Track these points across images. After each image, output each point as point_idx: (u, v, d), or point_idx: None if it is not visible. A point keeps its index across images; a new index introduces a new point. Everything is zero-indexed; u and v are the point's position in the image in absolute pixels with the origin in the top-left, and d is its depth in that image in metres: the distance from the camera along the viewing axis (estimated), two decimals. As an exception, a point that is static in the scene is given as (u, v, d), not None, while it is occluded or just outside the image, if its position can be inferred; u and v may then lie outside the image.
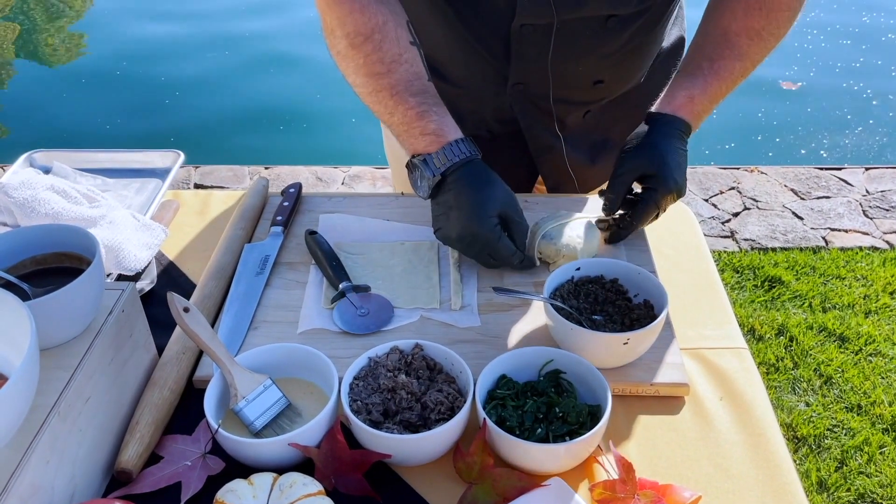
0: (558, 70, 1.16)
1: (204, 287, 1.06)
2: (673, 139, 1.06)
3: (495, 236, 1.01)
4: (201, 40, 4.83)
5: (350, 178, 3.17)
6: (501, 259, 1.04)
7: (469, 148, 1.03)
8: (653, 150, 1.06)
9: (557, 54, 1.13)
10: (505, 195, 1.03)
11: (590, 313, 0.97)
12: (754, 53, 1.09)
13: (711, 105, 1.09)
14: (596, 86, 1.20)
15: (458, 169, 1.01)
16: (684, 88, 1.08)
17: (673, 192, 1.06)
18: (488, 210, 1.01)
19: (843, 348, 2.27)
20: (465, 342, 0.98)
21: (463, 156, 1.02)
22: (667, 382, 0.93)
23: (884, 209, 2.89)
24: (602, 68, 1.18)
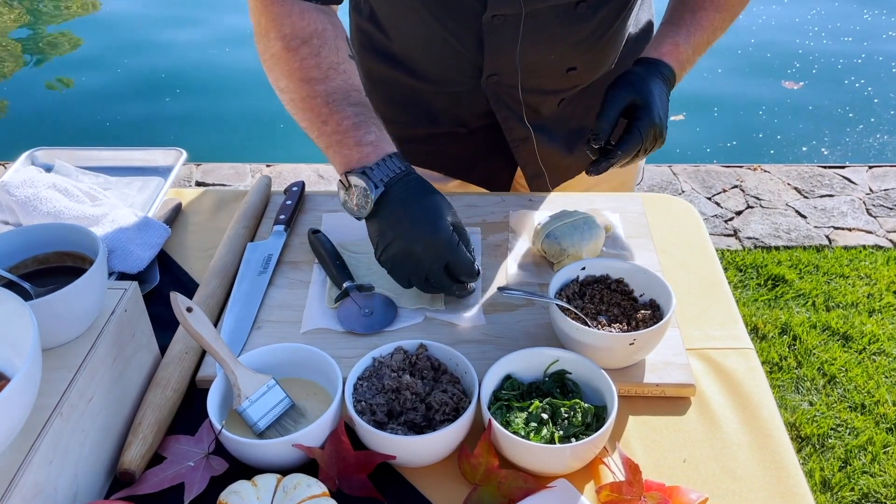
0: (532, 59, 1.14)
1: (206, 286, 1.06)
2: (658, 78, 1.08)
3: (455, 241, 0.94)
4: (203, 37, 4.83)
5: (352, 175, 3.17)
6: (460, 269, 0.96)
7: (405, 164, 0.98)
8: (641, 82, 1.07)
9: (529, 43, 1.12)
10: (450, 205, 0.97)
11: (595, 313, 0.97)
12: (733, 4, 1.14)
13: (695, 55, 1.13)
14: (569, 73, 1.19)
15: (401, 180, 0.96)
16: (669, 36, 1.12)
17: (657, 125, 1.06)
18: (443, 215, 0.95)
19: (847, 347, 2.26)
20: (469, 342, 0.98)
21: (401, 170, 0.96)
22: (673, 383, 0.92)
23: (887, 207, 2.88)
24: (575, 55, 1.17)
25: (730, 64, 4.36)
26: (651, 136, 1.06)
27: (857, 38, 4.77)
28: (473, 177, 1.36)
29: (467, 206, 1.22)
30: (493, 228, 1.17)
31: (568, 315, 0.93)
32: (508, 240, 1.15)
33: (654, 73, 1.08)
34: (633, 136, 1.05)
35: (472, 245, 1.01)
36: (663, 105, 1.08)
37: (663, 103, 1.08)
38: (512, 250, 1.13)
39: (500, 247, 1.14)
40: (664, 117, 1.07)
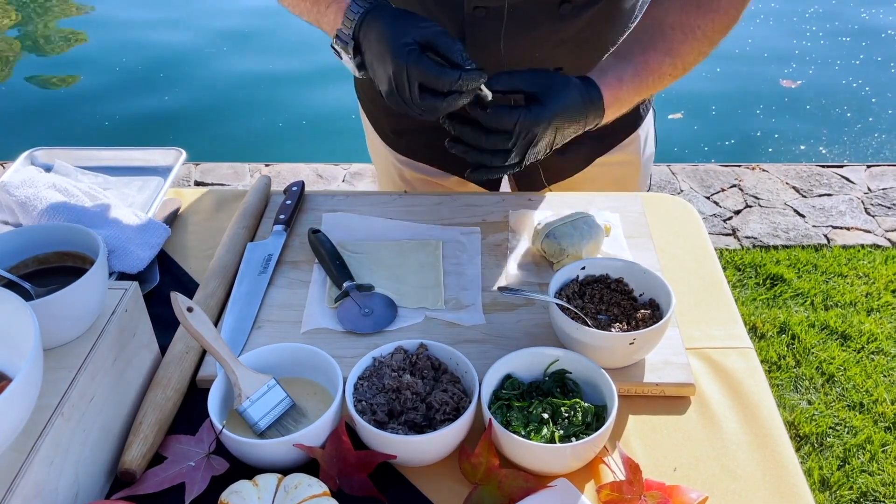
0: (515, 56, 1.14)
1: (207, 286, 1.06)
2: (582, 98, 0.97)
3: (412, 59, 0.89)
4: (201, 37, 4.82)
5: (351, 175, 3.17)
6: (435, 81, 0.90)
7: (365, 2, 0.97)
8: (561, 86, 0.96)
9: (512, 39, 1.12)
10: (425, 22, 0.93)
11: (595, 313, 0.97)
12: (686, 52, 1.04)
13: (634, 97, 1.04)
14: (557, 72, 1.19)
15: (364, 18, 0.95)
16: (615, 69, 1.02)
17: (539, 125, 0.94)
18: (400, 37, 0.91)
19: (846, 346, 2.26)
20: (469, 342, 0.98)
21: (362, 8, 0.96)
22: (673, 383, 0.93)
23: (885, 207, 2.88)
24: (560, 55, 1.16)
25: (727, 63, 4.37)
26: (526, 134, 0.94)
27: (855, 37, 4.78)
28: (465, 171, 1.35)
29: (467, 206, 1.22)
30: (493, 228, 1.18)
31: (568, 315, 0.93)
32: (508, 239, 1.15)
33: (581, 92, 0.98)
34: (504, 112, 0.94)
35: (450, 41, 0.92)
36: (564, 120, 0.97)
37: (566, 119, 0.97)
38: (512, 250, 1.13)
39: (499, 246, 1.14)
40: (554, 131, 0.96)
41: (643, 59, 1.03)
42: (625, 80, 1.02)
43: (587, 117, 1.00)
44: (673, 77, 1.05)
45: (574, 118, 0.98)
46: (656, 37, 1.04)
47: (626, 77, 1.02)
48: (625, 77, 1.02)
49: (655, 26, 1.05)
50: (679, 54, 1.04)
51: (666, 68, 1.04)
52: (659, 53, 1.03)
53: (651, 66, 1.03)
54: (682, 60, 1.04)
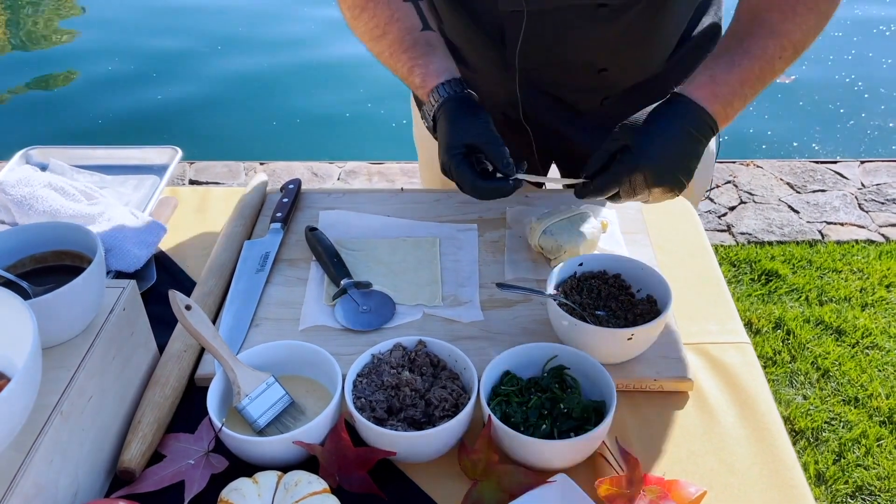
0: (557, 57, 1.16)
1: (204, 284, 1.06)
2: (676, 119, 0.95)
3: (455, 163, 1.01)
4: (194, 36, 4.81)
5: (346, 173, 3.16)
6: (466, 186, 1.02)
7: (451, 88, 1.06)
8: (642, 124, 0.96)
9: (550, 41, 1.13)
10: (476, 127, 1.02)
11: (593, 309, 0.97)
12: (790, 30, 0.98)
13: (743, 87, 0.97)
14: (601, 74, 1.19)
15: (440, 108, 1.06)
16: (706, 68, 0.98)
17: (643, 171, 0.94)
18: (453, 140, 1.02)
19: (840, 341, 2.27)
20: (467, 338, 0.98)
21: (444, 95, 1.06)
22: (671, 378, 0.93)
23: (879, 202, 2.89)
24: (603, 57, 1.17)
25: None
26: (633, 183, 0.95)
27: (848, 32, 4.79)
28: None
29: (464, 203, 1.22)
30: (490, 225, 1.18)
31: (566, 310, 0.93)
32: (506, 236, 1.15)
33: (671, 115, 0.96)
34: (607, 175, 0.97)
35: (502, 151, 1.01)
36: (668, 150, 0.94)
37: (670, 148, 0.94)
38: (509, 247, 1.13)
39: (496, 243, 1.14)
40: (664, 164, 0.94)
41: (741, 47, 0.98)
42: (717, 76, 0.97)
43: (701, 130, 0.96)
44: (785, 60, 0.99)
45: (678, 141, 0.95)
46: (752, 23, 1.00)
47: (718, 72, 0.97)
48: (717, 73, 0.97)
49: (749, 13, 1.01)
50: (783, 33, 0.98)
51: (772, 51, 0.98)
52: (759, 38, 0.98)
53: (753, 52, 0.98)
54: (788, 40, 0.98)
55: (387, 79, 1.24)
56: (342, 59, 4.37)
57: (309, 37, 4.77)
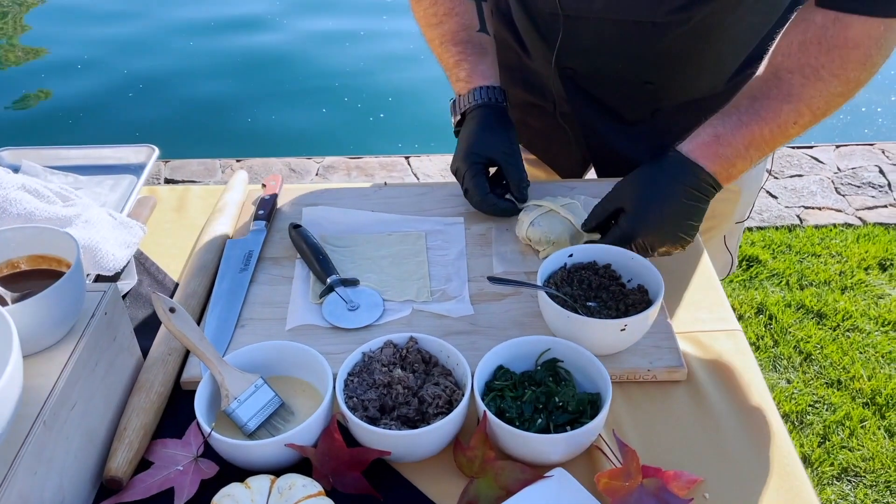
0: (597, 64, 1.17)
1: (187, 285, 1.03)
2: (675, 182, 0.94)
3: (471, 173, 1.08)
4: (164, 31, 4.73)
5: (324, 168, 3.13)
6: (474, 197, 1.10)
7: (491, 94, 1.12)
8: (632, 187, 0.97)
9: (589, 47, 1.14)
10: (502, 143, 1.09)
11: (584, 300, 0.96)
12: (811, 97, 0.92)
13: (748, 150, 0.94)
14: (646, 86, 1.17)
15: (474, 110, 1.11)
16: (711, 126, 0.95)
17: (642, 238, 0.96)
18: (476, 149, 1.08)
19: (822, 325, 2.29)
20: (458, 333, 0.97)
21: (483, 100, 1.11)
22: (664, 367, 0.92)
23: (855, 186, 2.92)
24: (648, 70, 1.15)
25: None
26: (637, 246, 0.97)
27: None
28: (548, 157, 1.41)
29: (449, 197, 1.21)
30: (477, 218, 1.16)
31: (557, 302, 0.92)
32: (492, 229, 1.14)
33: (664, 176, 0.95)
34: (609, 240, 0.99)
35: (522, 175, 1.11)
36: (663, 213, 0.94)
37: (665, 211, 0.94)
38: (497, 240, 1.12)
39: (484, 236, 1.13)
40: (664, 228, 0.94)
41: (752, 108, 0.95)
42: (722, 136, 0.94)
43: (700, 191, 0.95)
44: (801, 125, 0.94)
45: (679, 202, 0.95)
46: (770, 84, 0.95)
47: (723, 131, 0.94)
48: (722, 132, 0.95)
49: (770, 74, 0.96)
50: (802, 98, 0.93)
51: (786, 115, 0.93)
52: (773, 101, 0.94)
53: (763, 116, 0.94)
54: (806, 105, 0.93)
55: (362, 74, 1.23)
56: (317, 55, 4.33)
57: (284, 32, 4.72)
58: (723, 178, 0.95)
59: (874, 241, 2.61)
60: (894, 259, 2.53)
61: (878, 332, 2.26)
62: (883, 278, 2.47)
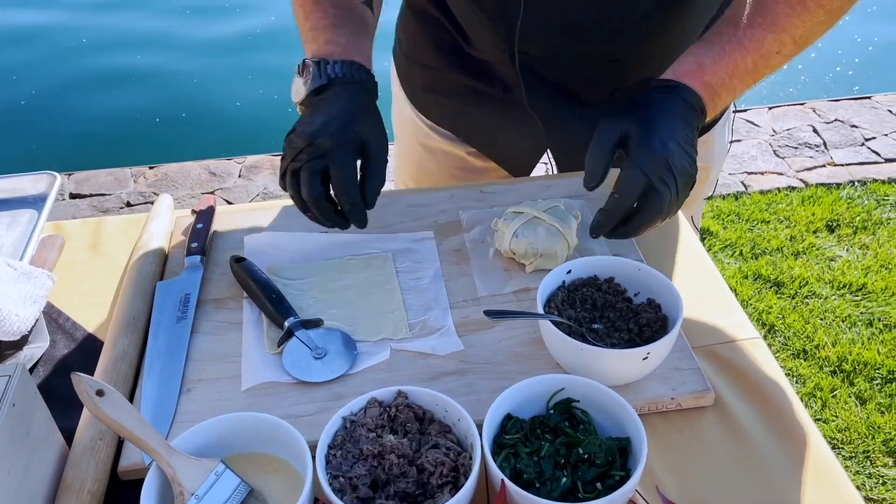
0: (562, 44, 1.03)
1: (114, 345, 0.85)
2: (672, 103, 0.84)
3: (339, 154, 0.86)
4: (57, 33, 4.36)
5: (247, 169, 2.92)
6: (306, 188, 0.86)
7: (370, 81, 0.93)
8: (638, 106, 0.84)
9: (555, 25, 1.00)
10: (380, 132, 0.90)
11: (589, 322, 0.83)
12: (794, 26, 0.87)
13: (732, 80, 0.87)
14: (611, 65, 1.06)
15: (350, 85, 0.91)
16: (692, 55, 0.88)
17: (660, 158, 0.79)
18: (353, 124, 0.88)
19: (780, 293, 2.25)
20: (450, 375, 0.82)
21: (366, 80, 0.92)
22: (689, 393, 0.80)
23: (793, 147, 2.91)
24: (616, 47, 1.04)
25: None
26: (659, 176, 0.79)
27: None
28: (493, 149, 1.23)
29: (413, 207, 1.06)
30: (449, 230, 1.02)
31: (561, 329, 0.79)
32: (465, 242, 1.00)
33: (666, 97, 0.85)
34: (630, 176, 0.80)
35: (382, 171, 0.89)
36: (677, 135, 0.82)
37: (676, 132, 0.82)
38: (475, 255, 0.98)
39: (459, 251, 0.99)
40: (679, 150, 0.81)
41: (735, 37, 0.87)
42: (706, 65, 0.86)
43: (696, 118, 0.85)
44: (783, 55, 0.88)
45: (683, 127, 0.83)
46: (754, 12, 0.88)
47: (707, 60, 0.86)
48: (706, 60, 0.87)
49: (755, 3, 0.89)
50: (785, 28, 0.87)
51: (770, 45, 0.87)
52: (757, 30, 0.87)
53: (746, 45, 0.87)
54: (790, 35, 0.87)
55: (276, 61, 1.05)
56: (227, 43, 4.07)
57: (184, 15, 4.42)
58: (709, 106, 0.86)
59: (819, 203, 2.60)
60: (839, 220, 2.52)
61: (836, 297, 2.23)
62: (832, 240, 2.45)
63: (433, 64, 1.17)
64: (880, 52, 4.12)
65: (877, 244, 2.41)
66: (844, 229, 2.48)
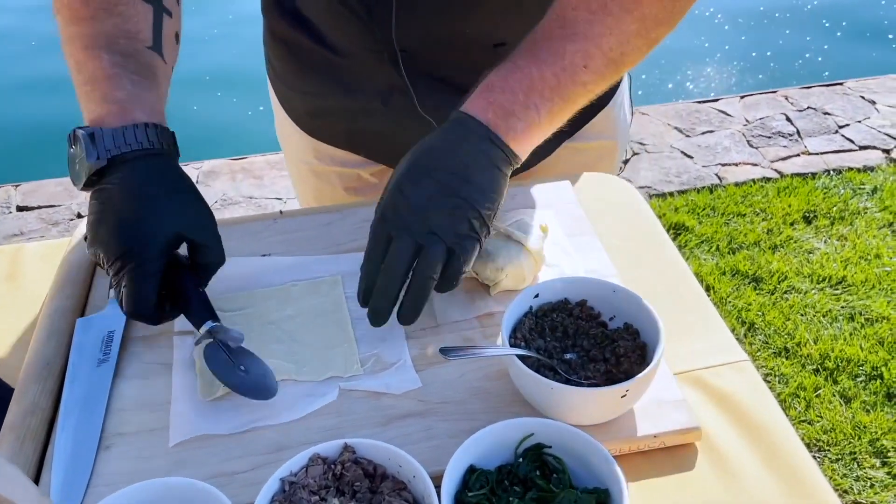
0: (444, 31, 0.94)
1: (24, 395, 0.75)
2: (443, 132, 0.76)
3: (152, 260, 0.74)
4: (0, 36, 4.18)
5: (204, 174, 2.80)
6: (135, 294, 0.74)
7: (163, 140, 0.79)
8: (408, 155, 0.77)
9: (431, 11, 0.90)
10: (194, 211, 0.78)
11: (561, 351, 0.75)
12: (598, 34, 0.77)
13: (528, 96, 0.76)
14: (497, 49, 0.96)
15: (136, 160, 0.76)
16: (483, 77, 0.78)
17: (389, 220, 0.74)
18: (162, 220, 0.75)
19: (759, 289, 2.19)
20: (406, 417, 0.73)
21: (149, 146, 0.77)
22: (673, 430, 0.72)
23: (766, 136, 2.85)
24: (499, 28, 0.95)
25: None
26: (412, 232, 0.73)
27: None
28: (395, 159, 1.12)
29: (364, 223, 0.96)
30: (404, 249, 0.92)
31: (529, 363, 0.70)
32: (424, 261, 0.91)
33: (434, 139, 0.77)
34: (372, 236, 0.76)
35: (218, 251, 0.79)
36: (433, 161, 0.74)
37: (435, 158, 0.74)
38: (432, 275, 0.89)
39: (416, 273, 0.89)
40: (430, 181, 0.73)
41: (530, 52, 0.78)
42: (495, 84, 0.77)
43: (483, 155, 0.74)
44: (594, 71, 0.77)
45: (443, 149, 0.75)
46: (553, 25, 0.79)
47: (495, 80, 0.77)
48: (494, 79, 0.77)
49: (554, 15, 0.80)
50: (588, 37, 0.77)
51: (572, 57, 0.77)
52: (556, 41, 0.78)
53: (543, 58, 0.77)
54: (595, 45, 0.77)
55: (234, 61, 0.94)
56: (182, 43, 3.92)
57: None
58: (502, 128, 0.76)
59: (794, 193, 2.54)
60: (816, 211, 2.47)
61: (815, 291, 2.17)
62: (809, 232, 2.39)
63: (309, 90, 1.06)
64: (849, 37, 4.09)
65: (855, 235, 2.36)
66: (821, 220, 2.43)
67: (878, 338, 2.01)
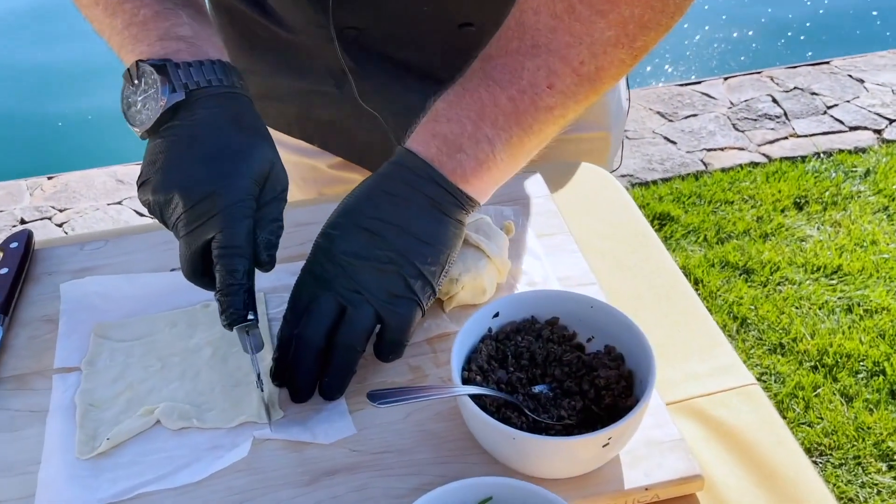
0: (399, 8, 0.81)
1: None
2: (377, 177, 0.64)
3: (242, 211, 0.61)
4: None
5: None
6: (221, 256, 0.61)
7: (235, 78, 0.68)
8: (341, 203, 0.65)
9: None
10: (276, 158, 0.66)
11: (527, 384, 0.60)
12: (565, 44, 0.62)
13: (480, 127, 0.62)
14: (463, 30, 0.82)
15: (220, 95, 0.65)
16: (431, 103, 0.65)
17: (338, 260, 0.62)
18: (252, 162, 0.63)
19: (751, 282, 2.06)
20: (335, 474, 0.58)
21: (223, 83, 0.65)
22: (669, 480, 0.58)
23: (752, 119, 2.72)
24: (465, 7, 0.81)
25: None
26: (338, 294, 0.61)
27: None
28: (354, 155, 0.98)
29: (296, 227, 0.81)
30: (341, 258, 0.77)
31: (486, 403, 0.56)
32: (366, 271, 0.75)
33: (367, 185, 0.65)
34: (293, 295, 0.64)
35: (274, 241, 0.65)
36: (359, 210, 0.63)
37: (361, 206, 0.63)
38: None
39: (355, 287, 0.74)
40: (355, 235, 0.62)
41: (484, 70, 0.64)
42: (441, 110, 0.64)
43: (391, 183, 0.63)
44: (560, 91, 0.63)
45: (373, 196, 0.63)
46: (511, 36, 0.65)
47: (442, 105, 0.64)
48: (441, 106, 0.64)
49: (514, 22, 0.65)
50: (552, 49, 0.63)
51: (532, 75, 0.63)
52: (512, 57, 0.63)
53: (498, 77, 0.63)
54: (561, 59, 0.62)
55: None
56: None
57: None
58: (447, 167, 0.63)
59: (784, 178, 2.41)
60: (808, 196, 2.34)
61: (810, 282, 2.05)
62: (801, 218, 2.26)
63: (256, 68, 0.92)
64: (832, 14, 3.97)
65: (849, 220, 2.23)
66: (814, 206, 2.30)
67: (879, 330, 1.88)
